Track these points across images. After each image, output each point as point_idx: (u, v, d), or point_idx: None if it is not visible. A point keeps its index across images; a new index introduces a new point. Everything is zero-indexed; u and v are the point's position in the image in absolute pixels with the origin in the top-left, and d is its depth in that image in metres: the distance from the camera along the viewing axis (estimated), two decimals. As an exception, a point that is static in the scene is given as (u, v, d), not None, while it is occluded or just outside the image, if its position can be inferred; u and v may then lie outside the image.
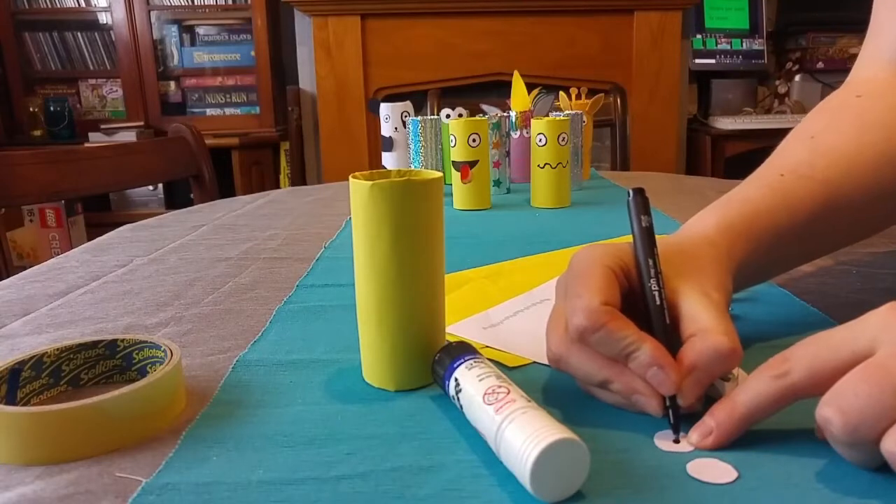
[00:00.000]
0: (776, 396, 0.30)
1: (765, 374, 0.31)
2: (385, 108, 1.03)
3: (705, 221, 0.42)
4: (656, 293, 0.35)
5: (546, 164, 0.91)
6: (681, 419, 0.33)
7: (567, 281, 0.37)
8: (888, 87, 0.50)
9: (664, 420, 0.33)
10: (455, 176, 0.92)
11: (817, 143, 0.47)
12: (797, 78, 2.86)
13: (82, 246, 0.77)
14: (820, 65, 2.80)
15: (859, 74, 0.53)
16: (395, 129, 1.03)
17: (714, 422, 0.32)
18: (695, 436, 0.32)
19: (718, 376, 0.34)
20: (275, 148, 2.83)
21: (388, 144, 1.04)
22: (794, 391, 0.30)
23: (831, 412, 0.28)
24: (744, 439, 0.32)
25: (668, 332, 0.34)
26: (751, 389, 0.31)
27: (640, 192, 0.37)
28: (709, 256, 0.39)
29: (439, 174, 0.38)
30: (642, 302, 0.35)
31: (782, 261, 0.47)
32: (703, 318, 0.34)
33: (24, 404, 0.37)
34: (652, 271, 0.35)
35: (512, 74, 1.11)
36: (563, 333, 0.35)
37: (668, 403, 0.33)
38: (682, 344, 0.34)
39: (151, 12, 2.73)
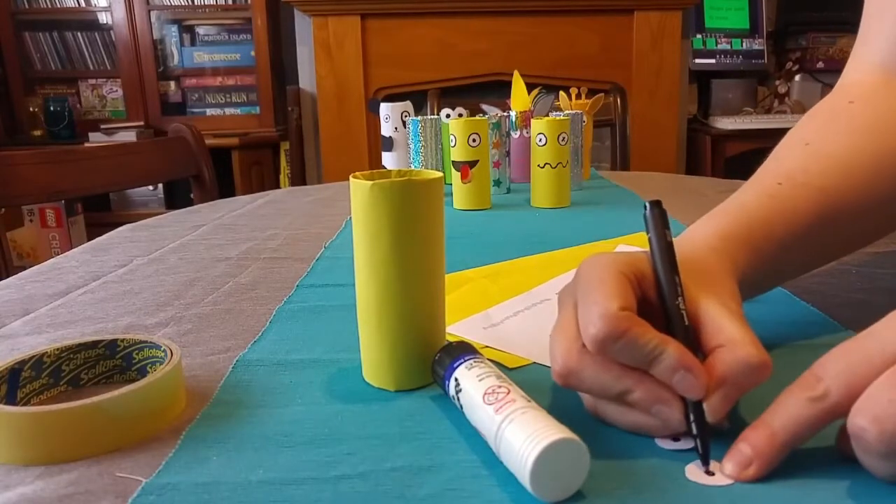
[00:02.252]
0: (817, 420, 0.28)
1: (800, 395, 0.29)
2: (385, 108, 1.03)
3: (705, 230, 0.41)
4: (684, 312, 0.33)
5: (546, 163, 0.91)
6: (710, 444, 0.30)
7: (577, 289, 0.34)
8: (879, 92, 0.50)
9: None
10: (455, 176, 0.92)
11: (812, 150, 0.47)
12: (797, 78, 2.87)
13: (82, 246, 0.77)
14: (820, 65, 2.80)
15: (849, 78, 0.53)
16: (395, 129, 1.03)
17: (752, 450, 0.29)
18: (730, 466, 0.29)
19: (748, 391, 0.32)
20: (275, 148, 2.83)
21: (388, 144, 1.04)
22: (835, 413, 0.28)
23: (866, 422, 0.26)
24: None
25: (695, 353, 0.32)
26: (788, 414, 0.29)
27: (658, 205, 0.35)
28: (716, 265, 0.37)
29: (439, 174, 0.38)
30: (658, 313, 0.34)
31: (784, 270, 0.46)
32: (729, 330, 0.32)
33: (24, 404, 0.37)
34: (679, 289, 0.33)
35: (512, 74, 1.11)
36: (572, 345, 0.33)
37: (695, 432, 0.31)
38: (705, 356, 0.32)
39: (151, 12, 2.74)
